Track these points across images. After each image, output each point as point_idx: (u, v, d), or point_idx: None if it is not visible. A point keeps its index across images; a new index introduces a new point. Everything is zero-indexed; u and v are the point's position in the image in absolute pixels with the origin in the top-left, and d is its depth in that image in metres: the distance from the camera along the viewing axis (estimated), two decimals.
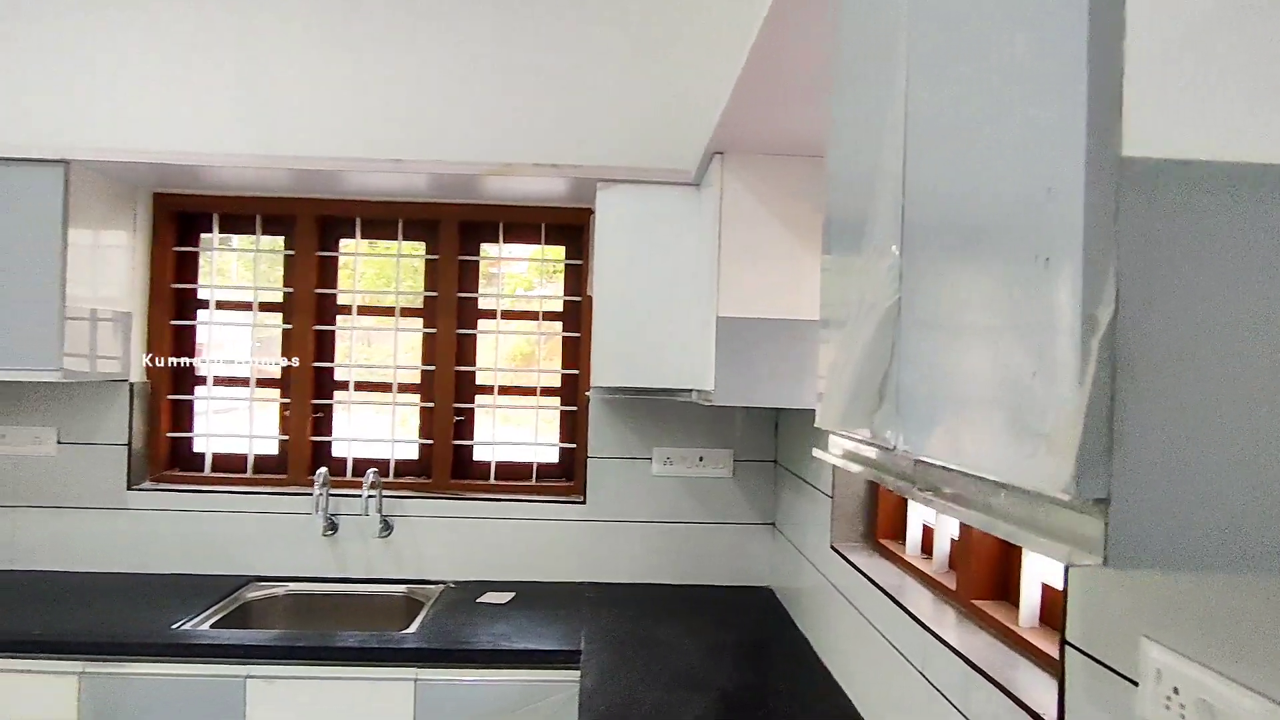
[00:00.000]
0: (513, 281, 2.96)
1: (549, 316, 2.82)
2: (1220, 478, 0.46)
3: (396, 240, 2.79)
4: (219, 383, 2.78)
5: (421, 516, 2.64)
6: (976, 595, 1.46)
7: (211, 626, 2.21)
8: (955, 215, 0.63)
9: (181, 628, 2.13)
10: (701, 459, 2.67)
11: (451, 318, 2.75)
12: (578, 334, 2.77)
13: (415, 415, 2.80)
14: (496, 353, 2.80)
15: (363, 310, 2.83)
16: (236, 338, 2.86)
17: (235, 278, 2.84)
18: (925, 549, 1.80)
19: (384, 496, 2.61)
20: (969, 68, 0.62)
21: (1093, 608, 0.95)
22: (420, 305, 2.80)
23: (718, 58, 2.34)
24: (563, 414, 2.81)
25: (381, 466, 2.70)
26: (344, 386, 2.78)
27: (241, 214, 2.75)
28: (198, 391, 2.77)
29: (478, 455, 2.80)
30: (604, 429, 2.67)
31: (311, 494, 2.56)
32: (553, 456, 2.81)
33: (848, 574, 1.85)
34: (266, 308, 2.78)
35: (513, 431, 2.85)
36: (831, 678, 1.89)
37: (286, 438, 2.74)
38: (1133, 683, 0.86)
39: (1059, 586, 1.21)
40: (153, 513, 2.61)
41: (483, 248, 2.80)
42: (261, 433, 2.76)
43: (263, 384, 2.77)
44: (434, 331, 2.76)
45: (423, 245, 2.80)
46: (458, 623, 2.24)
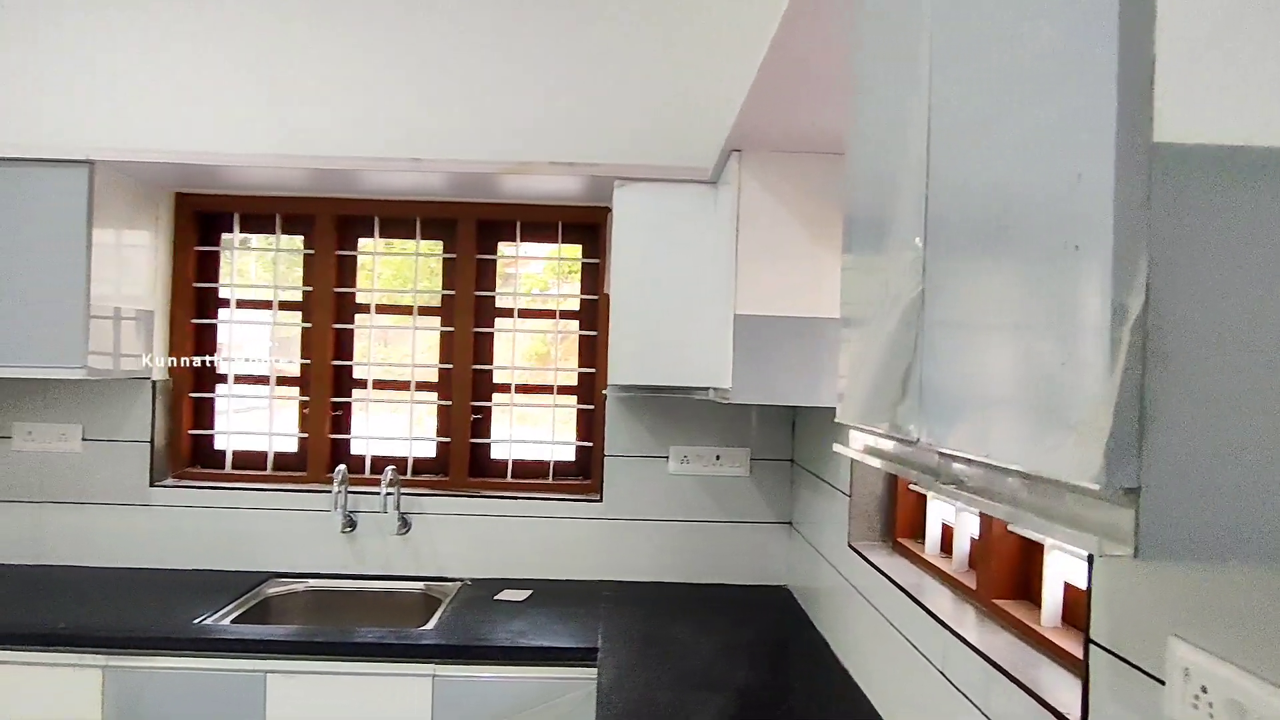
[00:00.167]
0: (529, 281, 2.97)
1: (565, 315, 2.82)
2: (1252, 467, 0.45)
3: (414, 239, 2.81)
4: (239, 381, 2.81)
5: (439, 514, 2.65)
6: (997, 594, 1.45)
7: (232, 622, 2.23)
8: (980, 205, 0.63)
9: (203, 623, 2.15)
10: (718, 458, 2.67)
11: (469, 316, 2.76)
12: (594, 332, 2.77)
13: (433, 413, 2.82)
14: (513, 351, 2.81)
15: (381, 309, 2.85)
16: (257, 336, 2.88)
17: (255, 277, 2.86)
18: (945, 548, 1.78)
19: (402, 494, 2.63)
20: (995, 57, 0.61)
21: (1118, 605, 0.94)
22: (438, 304, 2.82)
23: (735, 55, 2.33)
24: (579, 412, 2.81)
25: (399, 464, 2.71)
26: (362, 385, 2.80)
27: (261, 214, 2.77)
28: (218, 389, 2.80)
29: (495, 453, 2.81)
30: (620, 427, 2.67)
31: (330, 491, 2.57)
32: (569, 455, 2.82)
33: (866, 573, 1.84)
34: (286, 306, 2.80)
35: (529, 430, 2.86)
36: (849, 677, 1.88)
37: (306, 435, 2.76)
38: (1159, 681, 0.85)
39: (1082, 585, 1.20)
40: (174, 509, 2.64)
41: (499, 246, 2.81)
42: (281, 430, 2.79)
43: (282, 382, 2.80)
44: (451, 330, 2.77)
45: (440, 244, 2.81)
46: (475, 620, 2.24)
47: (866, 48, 0.95)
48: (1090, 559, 1.01)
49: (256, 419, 2.83)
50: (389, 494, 2.57)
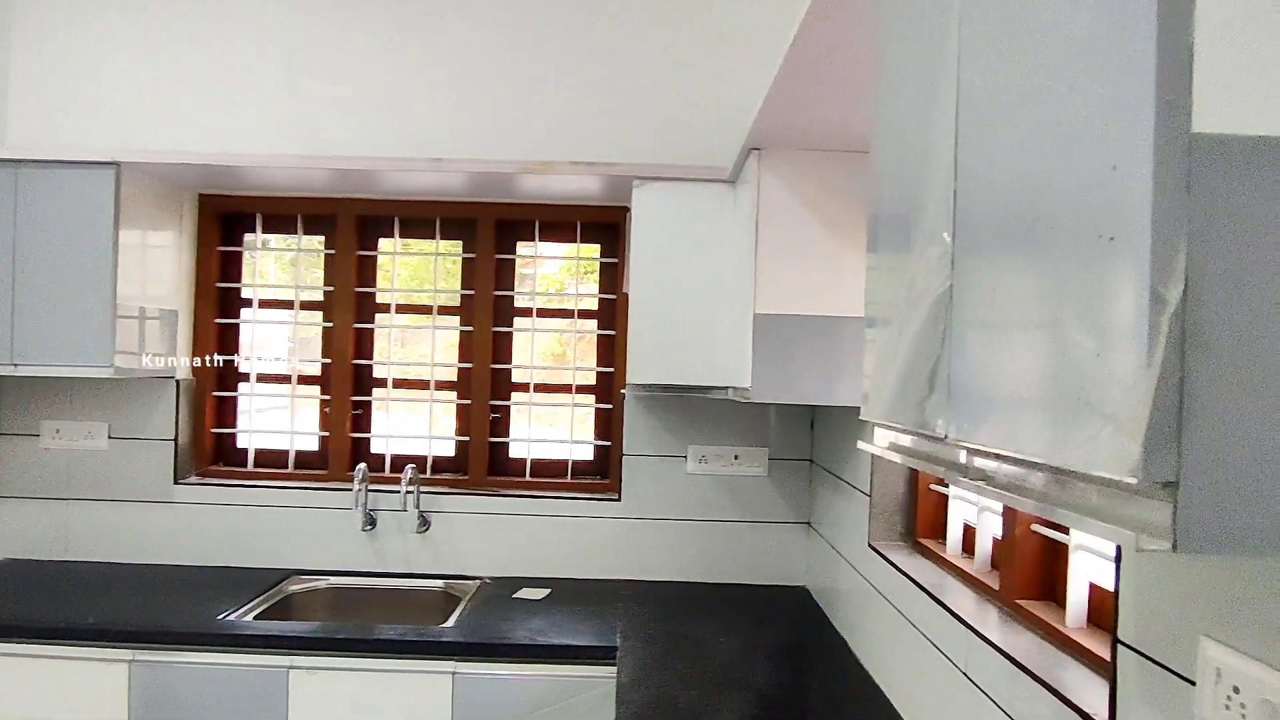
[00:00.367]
0: (547, 281, 2.98)
1: (584, 315, 2.83)
2: None
3: (434, 239, 2.82)
4: (261, 380, 2.84)
5: (458, 512, 2.67)
6: (1020, 595, 1.43)
7: (255, 618, 2.26)
8: (1011, 197, 0.62)
9: (227, 618, 2.17)
10: (737, 457, 2.66)
11: (488, 316, 2.78)
12: (613, 332, 2.77)
13: (452, 413, 2.83)
14: (532, 350, 2.82)
15: (400, 309, 2.87)
16: (278, 336, 2.91)
17: (276, 277, 2.89)
18: (966, 548, 1.77)
19: (422, 492, 2.64)
20: (1026, 48, 0.61)
21: (1147, 605, 0.93)
22: (457, 304, 2.83)
23: (754, 54, 2.33)
24: (598, 412, 2.82)
25: (419, 463, 2.73)
26: (382, 384, 2.82)
27: (283, 214, 2.80)
28: (241, 389, 2.83)
29: (514, 452, 2.82)
30: (639, 427, 2.67)
31: (351, 490, 2.59)
32: (588, 454, 2.82)
33: (886, 573, 1.83)
34: (307, 306, 2.83)
35: (548, 429, 2.86)
36: (869, 677, 1.87)
37: (326, 434, 2.78)
38: (1190, 682, 0.84)
39: (1107, 585, 1.19)
40: (198, 506, 2.67)
41: (518, 246, 2.82)
42: (302, 429, 2.81)
43: (304, 381, 2.82)
44: (470, 330, 2.79)
45: (459, 244, 2.83)
46: (495, 618, 2.25)
47: (892, 42, 0.95)
48: (1118, 559, 0.99)
49: (278, 418, 2.86)
50: (409, 492, 2.59)
